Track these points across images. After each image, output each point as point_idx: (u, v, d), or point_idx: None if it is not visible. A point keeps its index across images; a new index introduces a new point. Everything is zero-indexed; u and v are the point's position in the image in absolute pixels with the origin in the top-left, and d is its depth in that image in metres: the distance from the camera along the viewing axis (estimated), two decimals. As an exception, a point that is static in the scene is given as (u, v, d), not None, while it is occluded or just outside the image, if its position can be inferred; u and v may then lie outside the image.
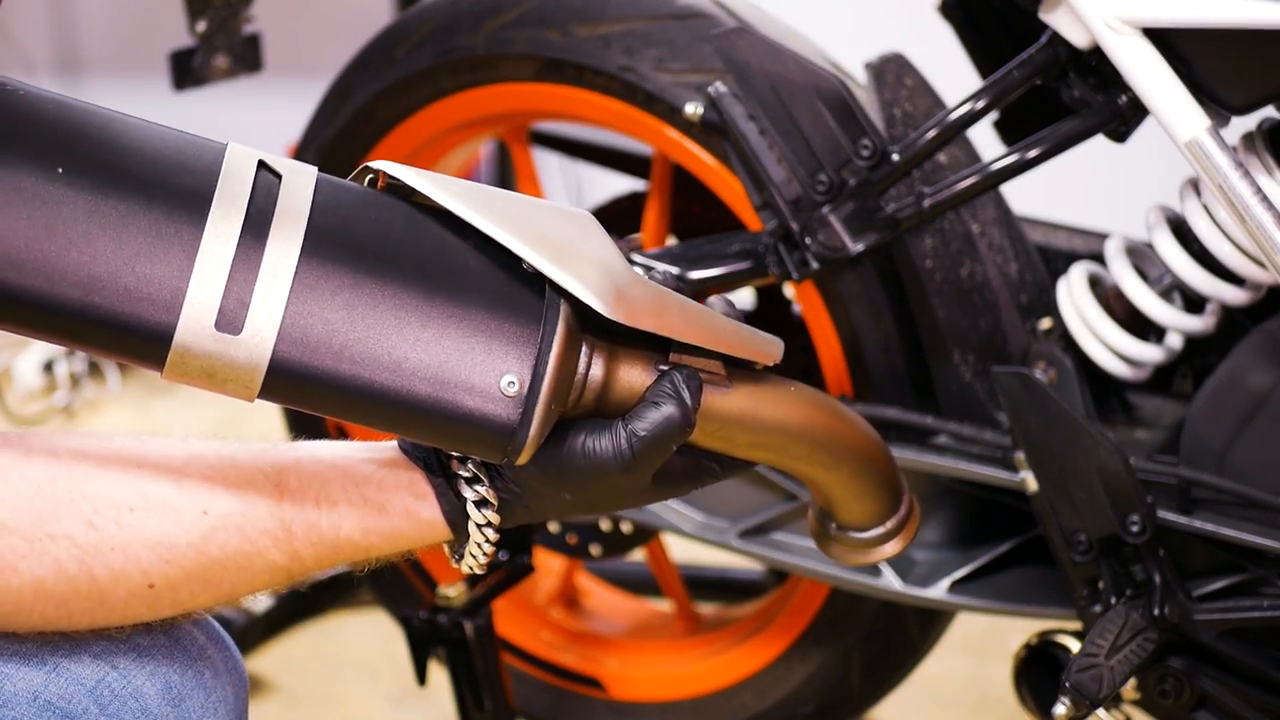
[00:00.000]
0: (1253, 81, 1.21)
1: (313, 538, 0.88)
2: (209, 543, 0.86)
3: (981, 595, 1.42)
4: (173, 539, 0.86)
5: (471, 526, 0.89)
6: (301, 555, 0.89)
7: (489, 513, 0.89)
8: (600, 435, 0.87)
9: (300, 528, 0.88)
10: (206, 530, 0.86)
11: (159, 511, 0.86)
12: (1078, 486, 1.28)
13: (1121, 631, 1.27)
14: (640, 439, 0.87)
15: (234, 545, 0.87)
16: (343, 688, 1.96)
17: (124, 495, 0.85)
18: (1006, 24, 1.41)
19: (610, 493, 0.90)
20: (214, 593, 0.88)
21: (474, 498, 0.89)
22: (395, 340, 0.82)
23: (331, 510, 0.88)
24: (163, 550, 0.85)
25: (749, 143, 1.37)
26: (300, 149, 1.66)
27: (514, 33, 1.50)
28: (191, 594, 0.87)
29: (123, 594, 0.85)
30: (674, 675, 1.67)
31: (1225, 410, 1.29)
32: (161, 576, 0.86)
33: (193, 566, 0.86)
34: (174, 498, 0.86)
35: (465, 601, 1.51)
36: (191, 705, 0.91)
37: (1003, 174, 1.32)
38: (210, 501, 0.87)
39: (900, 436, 1.43)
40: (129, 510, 0.85)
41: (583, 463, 0.87)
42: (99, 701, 0.87)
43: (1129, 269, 1.37)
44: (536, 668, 1.73)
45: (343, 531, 0.89)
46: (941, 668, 1.78)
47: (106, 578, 0.85)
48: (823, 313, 1.45)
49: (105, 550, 0.84)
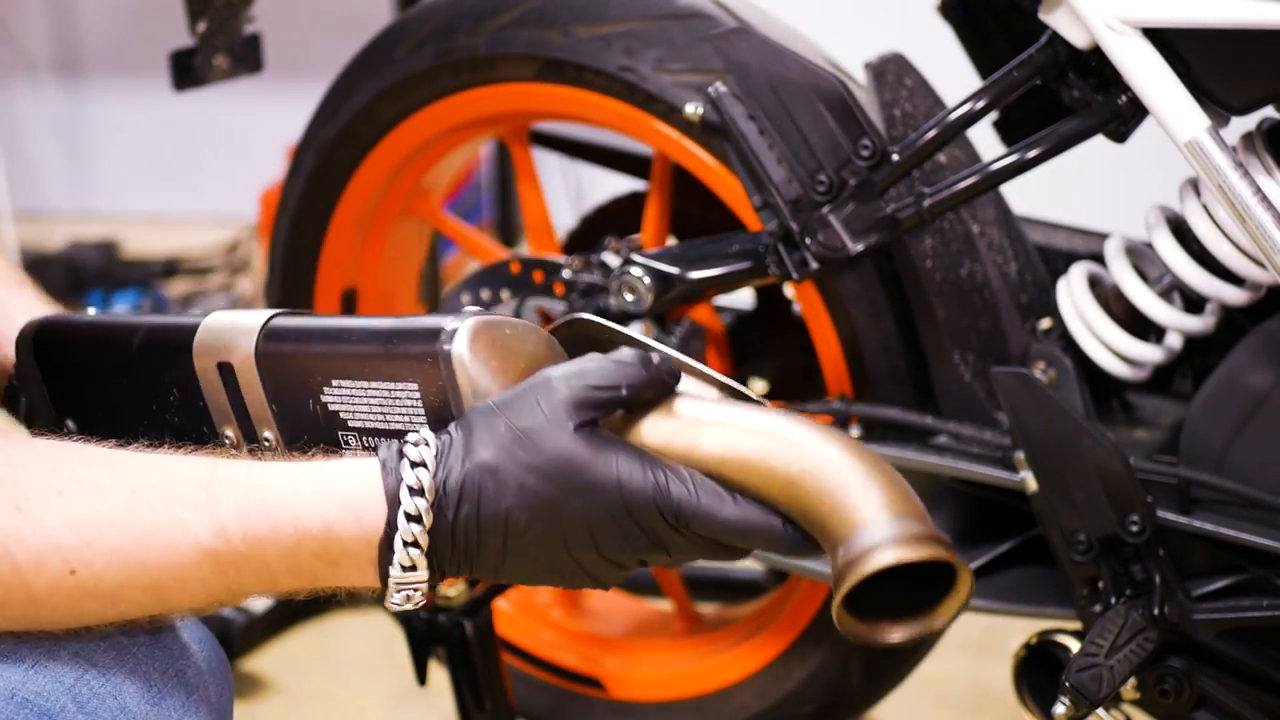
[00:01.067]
0: (1253, 81, 1.21)
1: (238, 496, 0.85)
2: (130, 517, 0.84)
3: (981, 595, 1.41)
4: (94, 517, 0.84)
5: (401, 519, 0.85)
6: (227, 528, 0.85)
7: (420, 502, 0.85)
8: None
9: (227, 488, 0.86)
10: (128, 504, 0.84)
11: (87, 492, 0.84)
12: (1078, 486, 1.28)
13: (1121, 631, 1.27)
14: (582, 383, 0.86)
15: (156, 520, 0.84)
16: (343, 688, 1.96)
17: (56, 480, 0.85)
18: (1006, 24, 1.41)
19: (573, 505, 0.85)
20: (136, 582, 0.85)
21: (413, 456, 0.86)
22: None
23: (261, 473, 0.86)
24: (84, 530, 0.83)
25: (749, 143, 1.37)
26: (300, 149, 1.66)
27: (514, 33, 1.50)
28: (112, 583, 0.84)
29: (45, 583, 0.83)
30: (674, 675, 1.67)
31: (1225, 410, 1.29)
32: (82, 561, 0.83)
33: (111, 548, 0.84)
34: (103, 478, 0.85)
35: (465, 601, 1.51)
36: (172, 704, 0.89)
37: (1003, 174, 1.32)
38: (137, 479, 0.85)
39: (900, 436, 1.43)
40: (57, 494, 0.84)
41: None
42: (77, 699, 0.86)
43: (1129, 269, 1.37)
44: (537, 668, 1.73)
45: (271, 484, 0.86)
46: (941, 668, 1.78)
47: (28, 564, 0.83)
48: (823, 313, 1.45)
49: (27, 534, 0.83)
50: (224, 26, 1.68)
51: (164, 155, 3.64)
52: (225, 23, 1.68)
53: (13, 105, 3.71)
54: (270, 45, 1.76)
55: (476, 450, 0.86)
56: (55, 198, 3.71)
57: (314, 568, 0.87)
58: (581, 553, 0.87)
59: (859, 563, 0.83)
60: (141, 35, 3.57)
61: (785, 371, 1.62)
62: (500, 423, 0.86)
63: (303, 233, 1.68)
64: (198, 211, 3.57)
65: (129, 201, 3.67)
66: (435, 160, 1.65)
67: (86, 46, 3.67)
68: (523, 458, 0.85)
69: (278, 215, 1.70)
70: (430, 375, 0.90)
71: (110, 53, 3.65)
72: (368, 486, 0.86)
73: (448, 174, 1.73)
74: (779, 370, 1.62)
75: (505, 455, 0.85)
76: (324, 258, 1.68)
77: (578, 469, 0.85)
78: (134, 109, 3.63)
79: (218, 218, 3.45)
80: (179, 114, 3.28)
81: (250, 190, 3.10)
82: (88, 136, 3.71)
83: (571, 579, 0.90)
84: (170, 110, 3.15)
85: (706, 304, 1.56)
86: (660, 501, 0.86)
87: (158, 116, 3.56)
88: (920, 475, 1.43)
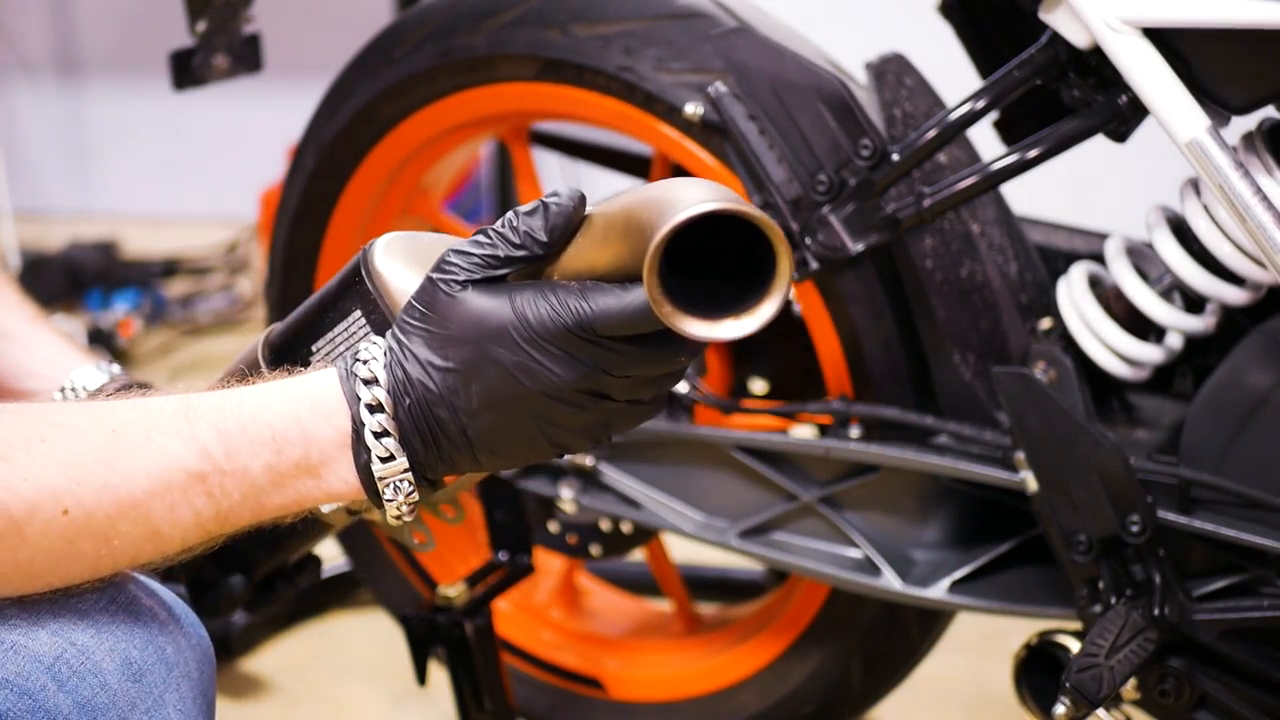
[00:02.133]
0: (1253, 81, 1.21)
1: (215, 417, 0.88)
2: (115, 452, 0.86)
3: (981, 595, 1.42)
4: (81, 457, 0.86)
5: (364, 413, 0.89)
6: (209, 449, 0.88)
7: (376, 391, 0.89)
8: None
9: (203, 412, 0.88)
10: (111, 440, 0.87)
11: (69, 435, 0.87)
12: (1078, 486, 1.28)
13: (1121, 631, 1.27)
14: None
15: (141, 451, 0.87)
16: (343, 688, 1.96)
17: (37, 429, 0.87)
18: (1006, 24, 1.41)
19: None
20: (129, 517, 0.87)
21: (361, 355, 0.90)
22: None
23: (234, 392, 0.90)
24: (71, 469, 0.85)
25: (749, 143, 1.37)
26: (300, 149, 1.66)
27: (514, 33, 1.50)
28: (109, 519, 0.87)
29: (39, 527, 0.85)
30: (674, 675, 1.67)
31: (1225, 410, 1.29)
32: (75, 501, 0.85)
33: (100, 483, 0.86)
34: (84, 422, 0.88)
35: (465, 601, 1.51)
36: (153, 680, 0.90)
37: (1003, 174, 1.32)
38: (116, 417, 0.88)
39: (900, 436, 1.43)
40: (40, 441, 0.86)
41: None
42: (57, 678, 0.86)
43: (1129, 269, 1.37)
44: (537, 668, 1.73)
45: (245, 401, 0.89)
46: (941, 668, 1.78)
47: (21, 510, 0.84)
48: (823, 313, 1.45)
49: (17, 481, 0.84)
50: (224, 26, 1.68)
51: (164, 155, 3.64)
52: (225, 23, 1.68)
53: (13, 105, 3.71)
54: (270, 45, 1.76)
55: (406, 343, 0.90)
56: (55, 198, 3.71)
57: (298, 479, 0.90)
58: (531, 403, 0.89)
59: (668, 220, 0.82)
60: (141, 35, 3.57)
61: (785, 371, 1.62)
62: (415, 311, 0.90)
63: (303, 233, 1.68)
64: (198, 211, 3.57)
65: (129, 201, 3.67)
66: (435, 160, 1.65)
67: (86, 46, 3.67)
68: (438, 332, 0.89)
69: (278, 215, 1.70)
70: (365, 296, 0.96)
71: (110, 53, 3.65)
72: (330, 388, 0.90)
73: (448, 174, 1.73)
74: (779, 370, 1.62)
75: (425, 337, 0.89)
76: (324, 258, 1.68)
77: (480, 320, 0.88)
78: (134, 109, 3.62)
79: (218, 218, 3.45)
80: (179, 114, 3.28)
81: (250, 190, 3.10)
82: (88, 136, 3.71)
83: (545, 442, 0.92)
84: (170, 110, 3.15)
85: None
86: (562, 318, 0.88)
87: (158, 116, 3.56)
88: (920, 475, 1.43)
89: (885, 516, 1.46)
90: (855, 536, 1.46)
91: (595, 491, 1.57)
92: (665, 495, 1.55)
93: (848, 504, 1.47)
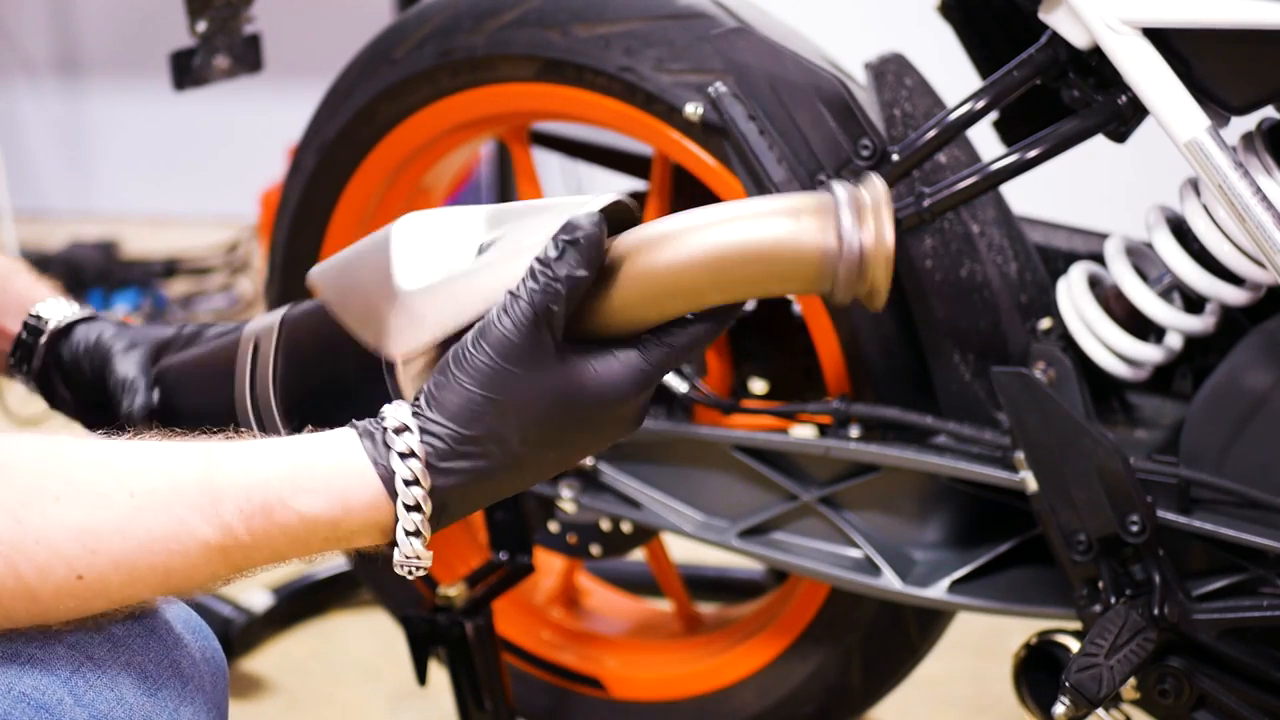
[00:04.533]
0: (1253, 82, 1.21)
1: (240, 501, 0.86)
2: (135, 525, 0.85)
3: (981, 595, 1.42)
4: (98, 525, 0.84)
5: (399, 485, 0.88)
6: (233, 528, 0.86)
7: (416, 491, 0.88)
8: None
9: (228, 490, 0.86)
10: (132, 511, 0.85)
11: (85, 497, 0.85)
12: (1077, 486, 1.28)
13: (1121, 631, 1.27)
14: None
15: (161, 525, 0.85)
16: (343, 688, 1.96)
17: (50, 485, 0.85)
18: (1006, 24, 1.41)
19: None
20: (146, 582, 0.86)
21: (399, 447, 0.88)
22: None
23: (259, 467, 0.88)
24: (88, 539, 0.84)
25: (749, 143, 1.37)
26: (300, 149, 1.66)
27: (514, 33, 1.50)
28: (121, 584, 0.86)
29: (51, 590, 0.84)
30: (674, 675, 1.67)
31: (1225, 410, 1.29)
32: (89, 567, 0.84)
33: (119, 553, 0.85)
34: (101, 481, 0.85)
35: (465, 601, 1.51)
36: (168, 694, 0.89)
37: (1003, 174, 1.32)
38: (136, 482, 0.86)
39: (900, 436, 1.43)
40: (54, 500, 0.84)
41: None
42: (74, 692, 0.86)
43: (1129, 269, 1.37)
44: (536, 667, 1.73)
45: (271, 486, 0.87)
46: (941, 668, 1.78)
47: (33, 574, 0.84)
48: (823, 313, 1.45)
49: (30, 544, 0.83)
50: (224, 26, 1.68)
51: (164, 155, 3.65)
52: (225, 23, 1.68)
53: (13, 105, 3.71)
54: (270, 45, 1.76)
55: (459, 425, 0.89)
56: (55, 198, 3.71)
57: (325, 547, 0.90)
58: (596, 443, 0.93)
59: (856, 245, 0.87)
60: (141, 35, 3.57)
61: (785, 371, 1.62)
62: (456, 433, 0.89)
63: (303, 233, 1.68)
64: (198, 211, 3.57)
65: (129, 201, 3.67)
66: (435, 160, 1.65)
67: (86, 46, 3.67)
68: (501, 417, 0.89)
69: (278, 215, 1.70)
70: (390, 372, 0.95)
71: (110, 53, 3.66)
72: (365, 485, 0.88)
73: (448, 174, 1.73)
74: (779, 370, 1.62)
75: (471, 452, 0.89)
76: (324, 258, 1.68)
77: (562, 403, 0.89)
78: (134, 109, 3.63)
79: (218, 218, 3.45)
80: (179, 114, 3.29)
81: (250, 190, 3.10)
82: (88, 136, 3.71)
83: (569, 461, 0.94)
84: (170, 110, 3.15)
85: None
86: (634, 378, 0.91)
87: (158, 116, 3.57)
88: (920, 475, 1.43)
89: (885, 516, 1.46)
90: (855, 536, 1.46)
91: (595, 491, 1.57)
92: (665, 495, 1.55)
93: (848, 504, 1.47)
